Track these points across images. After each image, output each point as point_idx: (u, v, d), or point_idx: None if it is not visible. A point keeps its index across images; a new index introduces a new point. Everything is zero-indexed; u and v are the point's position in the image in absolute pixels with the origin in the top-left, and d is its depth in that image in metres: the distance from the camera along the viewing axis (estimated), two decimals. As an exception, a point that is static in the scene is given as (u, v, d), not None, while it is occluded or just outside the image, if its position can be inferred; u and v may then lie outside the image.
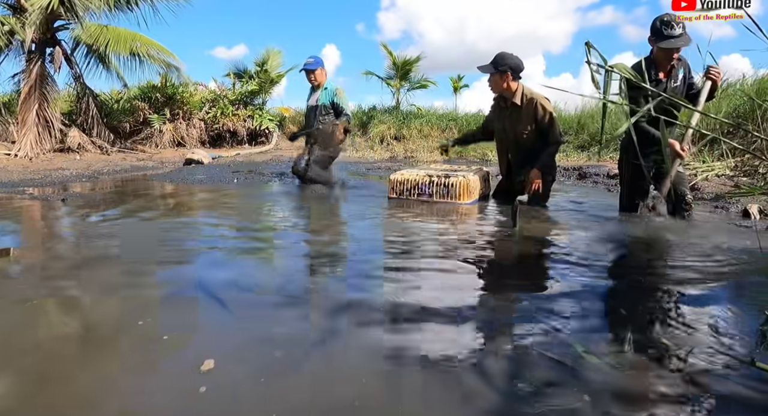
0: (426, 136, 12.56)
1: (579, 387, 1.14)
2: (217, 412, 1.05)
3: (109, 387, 1.16)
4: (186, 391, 1.12)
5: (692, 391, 1.14)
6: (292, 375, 1.20)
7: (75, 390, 1.15)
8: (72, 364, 1.27)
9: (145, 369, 1.24)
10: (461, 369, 1.23)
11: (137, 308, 1.63)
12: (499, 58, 3.74)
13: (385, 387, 1.15)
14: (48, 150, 8.74)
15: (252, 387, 1.14)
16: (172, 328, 1.48)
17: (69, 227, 3.12)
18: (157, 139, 11.21)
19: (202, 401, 1.08)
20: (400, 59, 15.03)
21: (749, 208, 3.53)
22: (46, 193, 4.42)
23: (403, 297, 1.74)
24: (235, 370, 1.21)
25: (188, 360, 1.26)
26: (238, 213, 3.63)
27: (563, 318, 1.55)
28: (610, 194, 4.81)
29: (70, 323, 1.54)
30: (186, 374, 1.20)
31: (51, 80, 9.21)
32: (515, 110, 3.84)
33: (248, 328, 1.49)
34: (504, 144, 4.09)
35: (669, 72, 3.20)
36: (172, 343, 1.38)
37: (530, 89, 3.83)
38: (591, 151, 9.36)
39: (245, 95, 12.57)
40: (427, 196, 3.92)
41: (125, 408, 1.07)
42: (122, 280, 1.96)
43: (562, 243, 2.65)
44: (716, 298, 1.80)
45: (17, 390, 1.14)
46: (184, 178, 5.86)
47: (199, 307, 1.66)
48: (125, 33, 9.86)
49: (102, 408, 1.08)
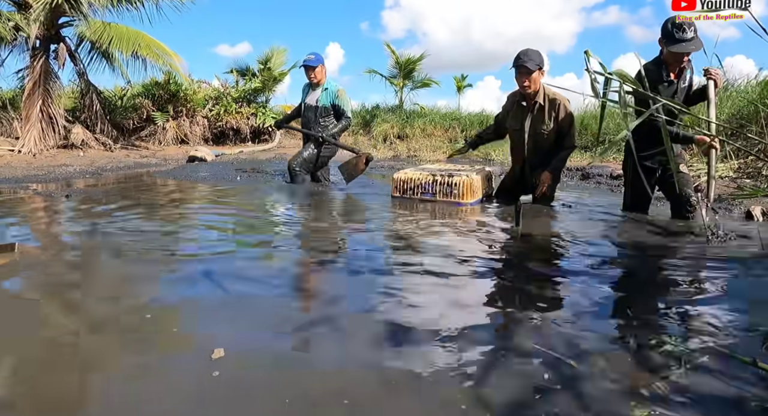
0: (429, 136, 12.55)
1: (579, 388, 1.14)
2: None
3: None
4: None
5: (693, 392, 1.13)
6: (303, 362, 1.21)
7: (92, 382, 1.15)
8: (86, 357, 1.27)
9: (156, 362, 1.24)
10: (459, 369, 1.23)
11: (141, 305, 1.64)
12: (532, 54, 3.60)
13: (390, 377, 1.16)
14: (51, 146, 8.75)
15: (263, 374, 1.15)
16: (179, 321, 1.49)
17: (73, 223, 3.12)
18: (161, 136, 11.23)
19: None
20: (403, 58, 15.05)
21: (752, 210, 3.53)
22: (50, 189, 4.42)
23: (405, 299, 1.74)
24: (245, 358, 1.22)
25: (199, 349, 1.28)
26: (243, 210, 3.64)
27: (564, 319, 1.55)
28: (613, 194, 4.81)
29: (74, 318, 1.55)
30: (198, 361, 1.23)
31: (55, 76, 9.23)
32: (538, 110, 3.75)
33: (255, 320, 1.49)
34: (521, 144, 3.93)
35: (679, 73, 3.20)
36: (180, 336, 1.39)
37: (550, 88, 3.76)
38: (594, 152, 9.36)
39: (248, 93, 12.56)
40: (430, 195, 3.91)
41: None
42: (126, 275, 1.97)
43: (564, 243, 2.65)
44: (717, 298, 1.79)
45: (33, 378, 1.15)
46: (187, 175, 5.86)
47: (200, 304, 1.66)
48: (128, 31, 9.85)
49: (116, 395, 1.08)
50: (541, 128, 3.75)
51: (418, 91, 15.81)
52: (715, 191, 3.35)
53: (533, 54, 3.59)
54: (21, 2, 8.82)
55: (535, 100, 3.72)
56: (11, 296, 1.73)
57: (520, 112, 3.84)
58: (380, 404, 1.08)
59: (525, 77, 3.60)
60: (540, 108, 3.73)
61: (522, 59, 3.57)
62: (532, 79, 3.60)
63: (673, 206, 3.39)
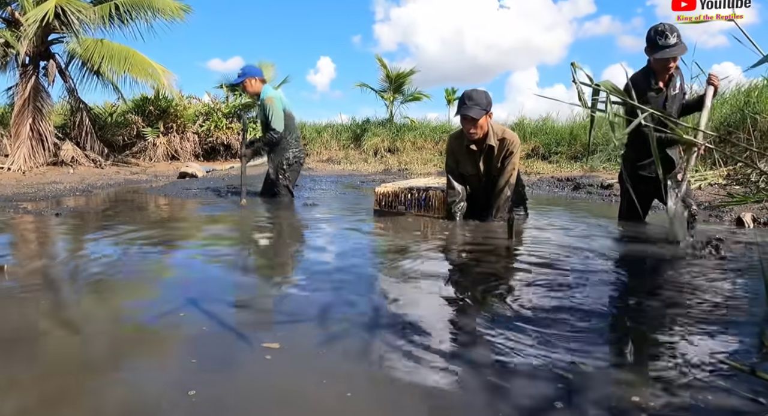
0: (420, 149, 12.63)
1: (577, 399, 1.15)
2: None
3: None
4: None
5: (691, 402, 1.14)
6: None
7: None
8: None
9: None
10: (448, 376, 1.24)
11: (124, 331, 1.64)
12: (477, 98, 3.36)
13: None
14: (41, 163, 8.72)
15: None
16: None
17: (63, 242, 3.11)
18: (151, 152, 11.21)
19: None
20: (393, 72, 15.16)
21: (743, 216, 3.60)
22: (40, 207, 4.40)
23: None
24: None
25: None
26: (235, 228, 3.64)
27: (559, 329, 1.56)
28: (604, 204, 4.86)
29: (72, 333, 1.54)
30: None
31: (45, 93, 9.24)
32: (489, 151, 3.54)
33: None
34: (479, 187, 3.72)
35: (668, 81, 3.23)
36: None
37: (498, 126, 3.56)
38: (583, 161, 9.47)
39: (239, 108, 12.60)
40: (405, 208, 3.98)
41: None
42: (117, 296, 1.97)
43: (554, 254, 2.67)
44: (714, 308, 1.81)
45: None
46: (178, 192, 5.85)
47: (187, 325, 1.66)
48: (119, 48, 9.85)
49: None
50: (496, 169, 3.57)
51: (408, 104, 15.93)
52: (705, 198, 3.39)
53: (478, 97, 3.36)
54: (11, 19, 8.85)
55: (485, 143, 3.51)
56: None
57: (472, 158, 3.61)
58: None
59: (471, 125, 3.39)
60: (491, 149, 3.53)
61: (467, 106, 3.34)
62: (479, 126, 3.39)
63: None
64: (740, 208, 3.97)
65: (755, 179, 5.23)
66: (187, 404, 1.12)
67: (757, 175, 5.13)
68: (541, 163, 10.14)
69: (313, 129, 15.33)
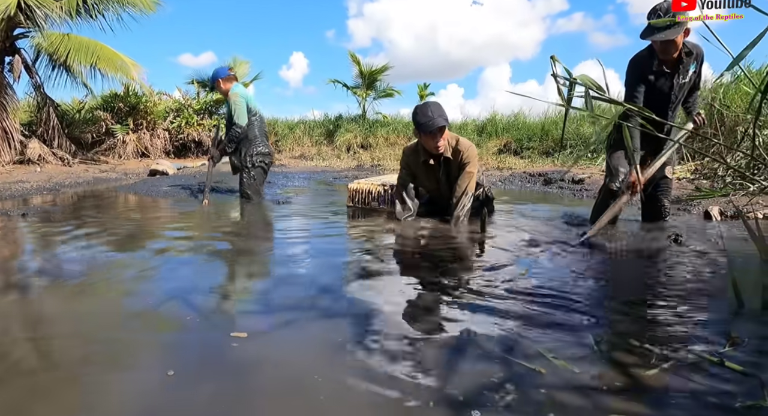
0: (392, 144, 12.72)
1: (548, 390, 1.18)
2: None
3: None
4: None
5: (660, 392, 1.18)
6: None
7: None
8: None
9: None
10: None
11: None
12: (437, 108, 3.29)
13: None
14: (7, 162, 8.56)
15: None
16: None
17: (29, 242, 3.10)
18: (121, 149, 11.08)
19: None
20: (367, 68, 15.15)
21: (710, 210, 3.75)
22: (6, 207, 4.35)
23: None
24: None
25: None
26: (204, 227, 3.66)
27: (529, 322, 1.60)
28: (575, 198, 4.99)
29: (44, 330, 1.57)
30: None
31: (10, 90, 9.04)
32: (445, 163, 3.50)
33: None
34: (440, 199, 3.70)
35: (677, 67, 3.09)
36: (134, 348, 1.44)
37: (449, 134, 3.46)
38: (554, 157, 9.67)
39: (210, 104, 12.50)
40: (378, 204, 4.05)
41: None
42: (83, 296, 1.99)
43: (524, 246, 2.75)
44: (684, 299, 1.86)
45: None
46: (148, 190, 5.83)
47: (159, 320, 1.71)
48: (87, 42, 9.70)
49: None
50: (453, 179, 3.52)
51: (381, 100, 15.95)
52: (673, 192, 3.50)
53: (439, 109, 3.30)
54: (-28, 14, 8.61)
55: (442, 156, 3.45)
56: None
57: (431, 172, 3.56)
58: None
59: (440, 136, 3.32)
60: (447, 161, 3.48)
61: (436, 119, 3.24)
62: (444, 138, 3.36)
63: (644, 210, 3.49)
64: (708, 202, 4.08)
65: (722, 173, 5.42)
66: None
67: (724, 169, 5.33)
68: (513, 158, 10.32)
69: (285, 125, 15.30)
